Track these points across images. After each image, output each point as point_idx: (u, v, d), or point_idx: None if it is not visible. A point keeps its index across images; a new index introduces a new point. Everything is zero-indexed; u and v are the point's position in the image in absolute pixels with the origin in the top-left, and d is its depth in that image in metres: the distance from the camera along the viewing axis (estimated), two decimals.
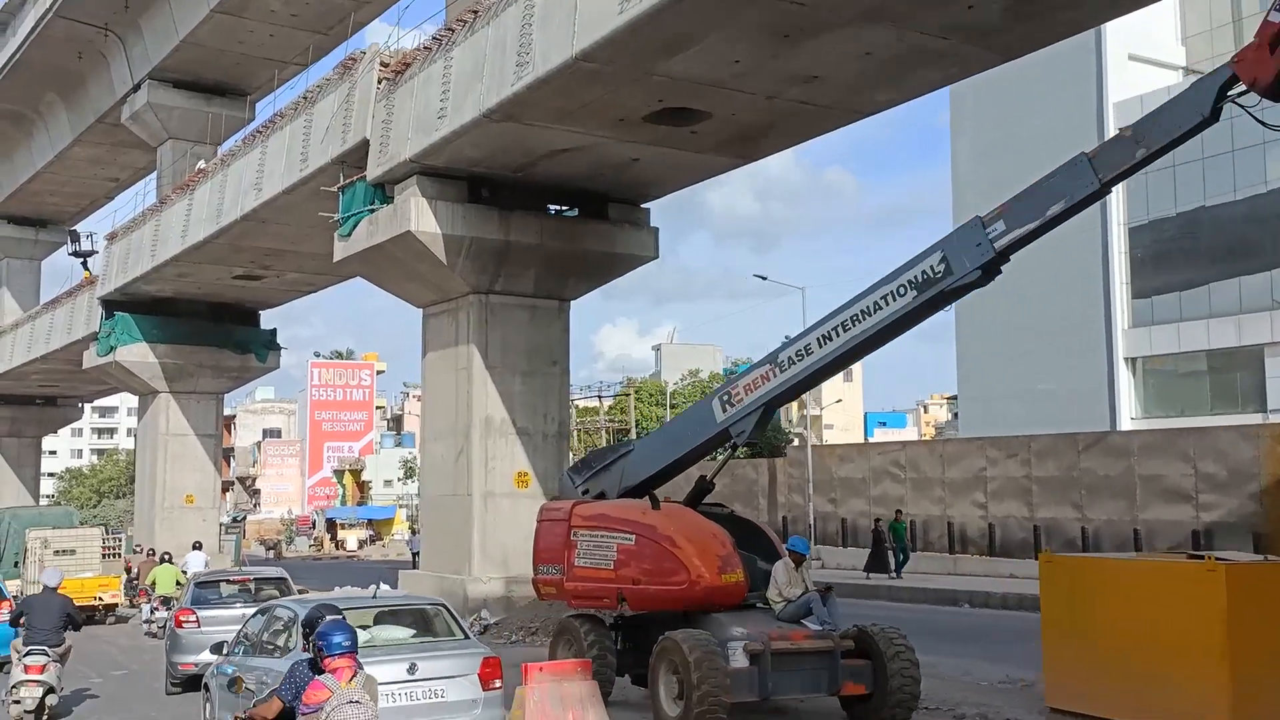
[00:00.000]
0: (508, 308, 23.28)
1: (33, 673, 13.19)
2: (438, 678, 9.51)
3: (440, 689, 9.49)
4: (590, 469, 14.07)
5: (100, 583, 26.58)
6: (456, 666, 9.70)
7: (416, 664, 9.46)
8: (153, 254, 34.05)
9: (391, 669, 9.20)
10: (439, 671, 9.56)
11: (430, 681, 9.45)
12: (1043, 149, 46.28)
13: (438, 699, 9.46)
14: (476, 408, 22.76)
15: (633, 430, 60.02)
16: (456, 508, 22.95)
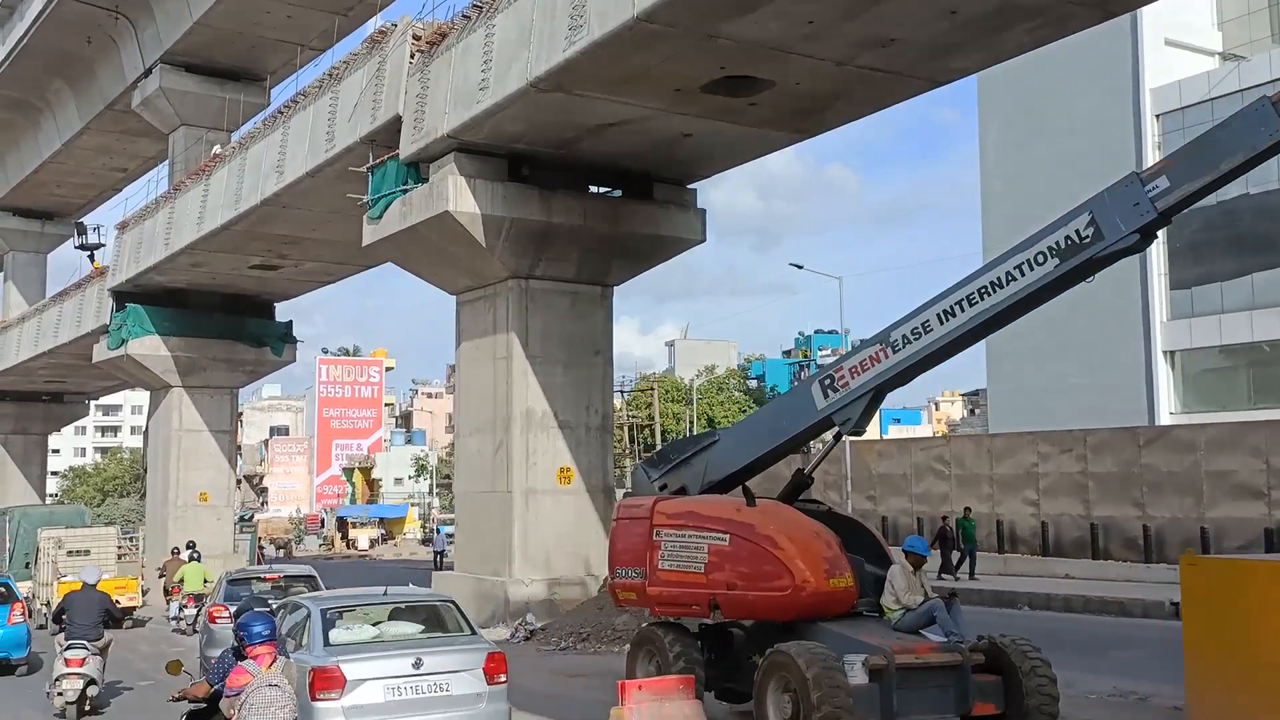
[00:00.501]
0: (548, 294, 21.94)
1: (74, 665, 13.73)
2: (443, 672, 9.65)
3: (445, 683, 9.62)
4: (669, 462, 12.72)
5: (117, 584, 25.01)
6: (461, 661, 9.82)
7: (422, 659, 9.61)
8: (166, 242, 32.70)
9: (397, 663, 9.51)
10: (444, 666, 9.70)
11: (435, 675, 9.60)
12: (1076, 136, 45.05)
13: (442, 693, 9.58)
14: (517, 399, 21.43)
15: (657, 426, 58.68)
16: (495, 505, 21.62)
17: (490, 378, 21.97)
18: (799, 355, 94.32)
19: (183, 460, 36.78)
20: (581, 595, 21.33)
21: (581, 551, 21.85)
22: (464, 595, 21.69)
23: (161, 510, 36.83)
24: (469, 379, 22.76)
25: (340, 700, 9.19)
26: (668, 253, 22.98)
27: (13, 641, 18.27)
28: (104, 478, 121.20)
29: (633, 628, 17.98)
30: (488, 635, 20.42)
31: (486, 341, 22.14)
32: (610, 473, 22.65)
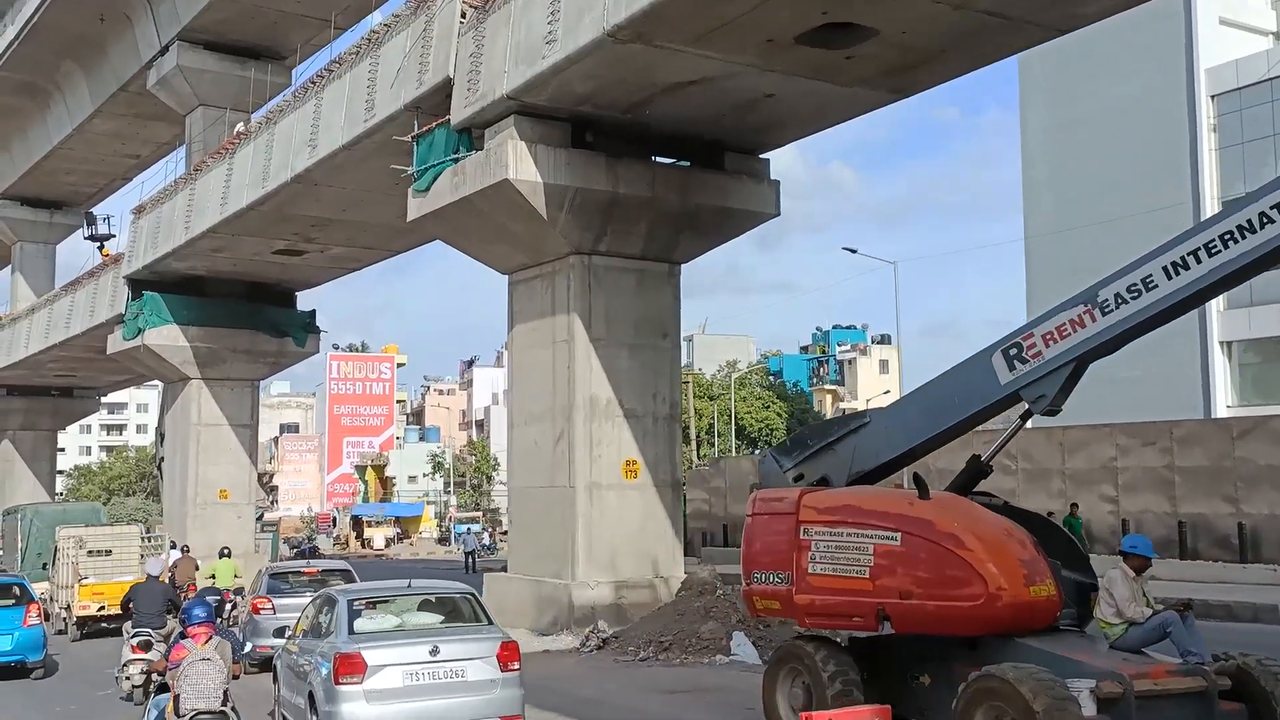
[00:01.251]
0: (613, 271, 20.09)
1: (139, 652, 14.42)
2: (459, 659, 10.12)
3: (461, 669, 10.09)
4: (805, 448, 10.85)
5: None
6: (477, 650, 10.29)
7: (439, 646, 10.11)
8: (186, 226, 30.86)
9: (416, 650, 10.05)
10: (460, 654, 10.16)
11: (451, 662, 10.07)
12: (1126, 119, 43.17)
13: (458, 679, 10.06)
14: (579, 386, 19.58)
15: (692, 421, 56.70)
16: (555, 501, 19.77)
17: (549, 363, 20.12)
18: (817, 351, 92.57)
19: (202, 456, 34.96)
20: (650, 599, 19.49)
21: (649, 552, 20.02)
22: (522, 599, 19.89)
23: (180, 508, 34.97)
24: (524, 365, 20.90)
25: (362, 684, 9.79)
26: (739, 227, 21.14)
27: (29, 644, 17.60)
28: (109, 476, 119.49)
29: (720, 636, 16.22)
30: (551, 643, 18.69)
31: (544, 324, 20.29)
32: (679, 466, 20.81)
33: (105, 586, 22.54)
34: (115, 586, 22.59)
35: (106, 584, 22.68)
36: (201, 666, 8.32)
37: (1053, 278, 45.65)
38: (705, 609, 16.87)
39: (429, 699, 9.96)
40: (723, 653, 15.95)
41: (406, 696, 9.89)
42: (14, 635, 17.45)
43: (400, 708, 9.88)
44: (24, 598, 18.11)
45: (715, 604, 16.93)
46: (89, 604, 22.24)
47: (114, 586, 22.63)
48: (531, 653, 17.72)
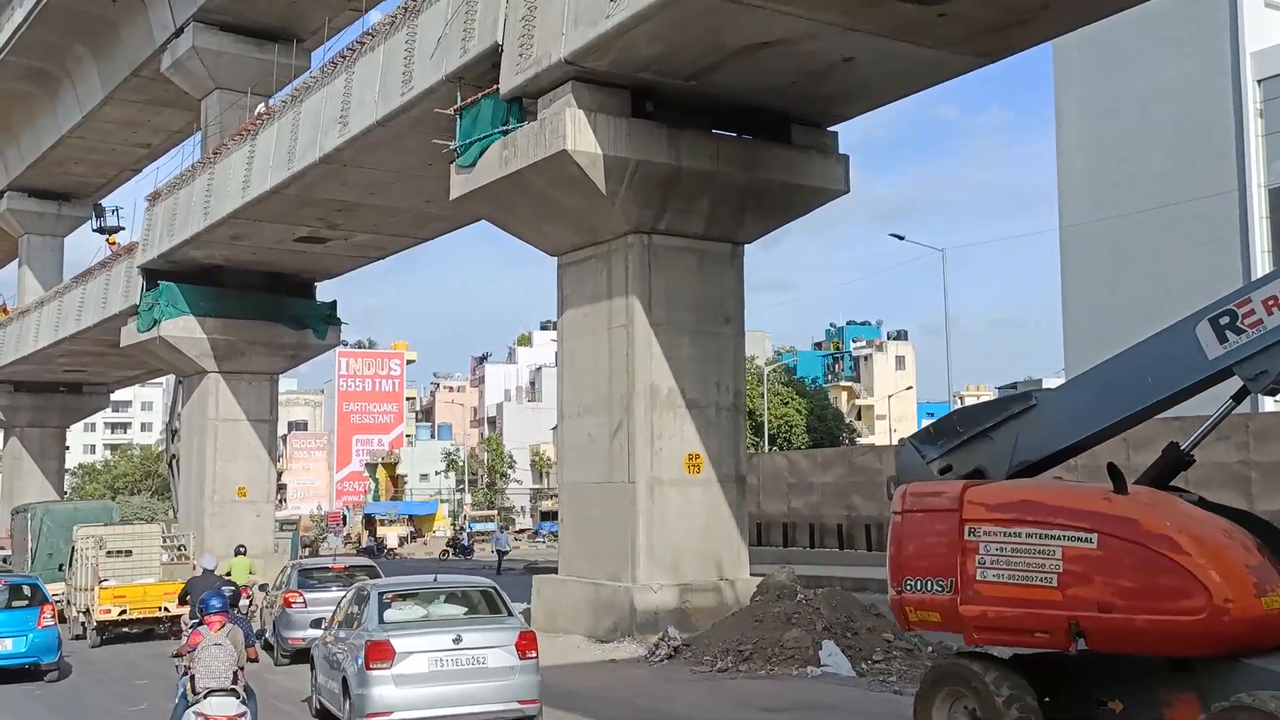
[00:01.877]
0: (673, 251, 18.63)
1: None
2: (480, 647, 10.71)
3: (482, 657, 10.69)
4: (954, 436, 9.39)
5: (164, 590, 21.35)
6: (497, 638, 10.87)
7: (462, 635, 10.73)
8: (205, 212, 29.39)
9: (440, 638, 10.66)
10: (481, 642, 10.75)
11: (473, 650, 10.67)
12: (1168, 103, 41.67)
13: (479, 665, 10.67)
14: (639, 374, 18.12)
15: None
16: (614, 498, 18.32)
17: (605, 349, 18.67)
18: (830, 347, 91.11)
19: (220, 452, 33.52)
20: (716, 603, 18.06)
21: (713, 552, 18.58)
22: (577, 604, 18.46)
23: (197, 506, 33.52)
24: (576, 352, 19.44)
25: (390, 669, 10.44)
26: (807, 204, 19.69)
27: (43, 645, 16.87)
28: (114, 475, 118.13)
29: (806, 645, 14.79)
30: (614, 651, 17.21)
31: (599, 308, 18.83)
32: (743, 460, 19.36)
33: (127, 590, 21.25)
34: (137, 589, 21.34)
35: (128, 587, 21.40)
36: (214, 650, 9.15)
37: (1089, 267, 44.30)
38: (786, 615, 15.41)
39: (452, 684, 10.62)
40: (810, 663, 14.50)
41: (431, 681, 10.55)
42: (28, 637, 16.75)
43: (426, 691, 10.55)
44: (38, 598, 17.45)
45: (797, 609, 15.47)
46: (110, 608, 20.83)
47: (135, 589, 21.33)
48: (595, 662, 16.31)
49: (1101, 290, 43.47)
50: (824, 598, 15.70)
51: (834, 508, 34.19)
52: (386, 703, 10.41)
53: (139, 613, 20.84)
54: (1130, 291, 41.97)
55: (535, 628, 19.97)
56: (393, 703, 10.42)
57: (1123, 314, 42.22)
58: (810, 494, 34.90)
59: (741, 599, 18.22)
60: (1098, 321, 43.35)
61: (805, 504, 35.06)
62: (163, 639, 21.12)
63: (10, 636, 16.62)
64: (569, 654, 17.03)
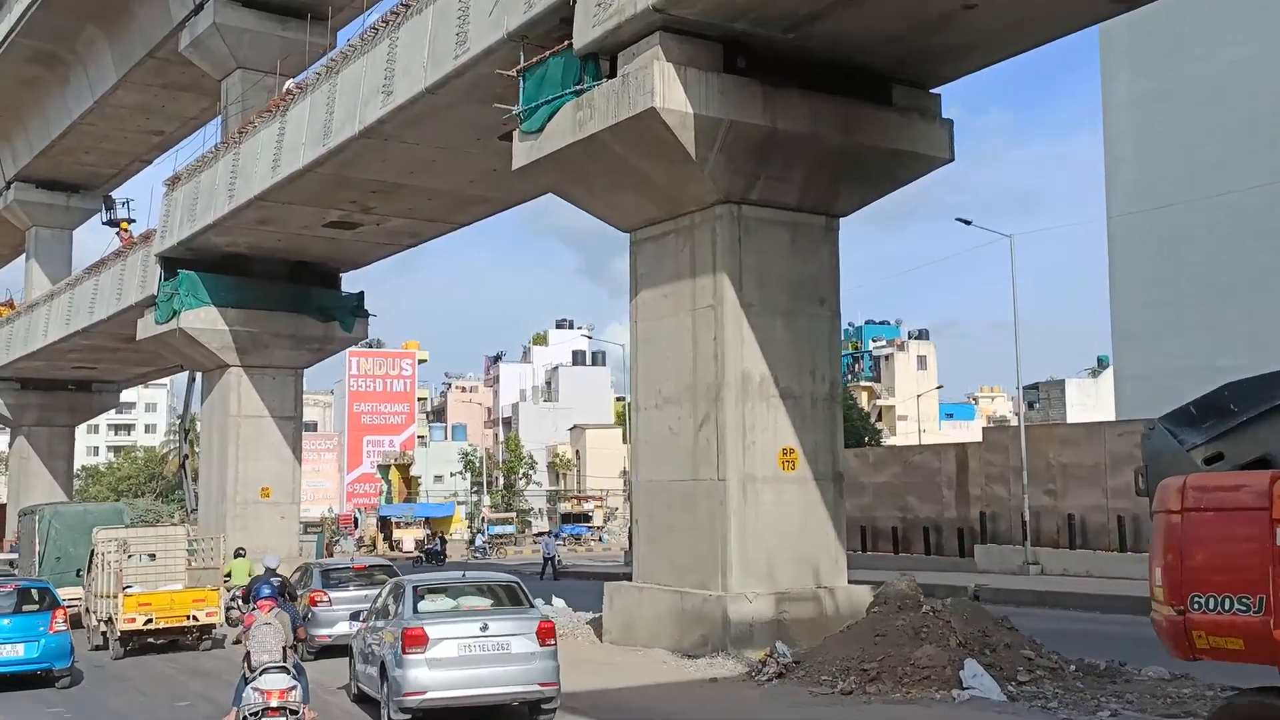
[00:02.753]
0: (764, 224, 16.81)
1: None
2: (504, 635, 11.69)
3: (506, 643, 11.66)
4: (1225, 416, 7.57)
5: (194, 597, 19.93)
6: (519, 627, 11.82)
7: (488, 624, 11.76)
8: (230, 194, 27.55)
9: (468, 626, 11.71)
10: (505, 630, 11.73)
11: (498, 637, 11.66)
12: (1226, 88, 39.84)
13: (504, 651, 11.64)
14: (730, 360, 16.28)
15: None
16: (700, 498, 16.47)
17: (688, 333, 16.84)
18: (849, 347, 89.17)
19: (242, 451, 31.69)
20: (814, 614, 16.25)
21: (809, 557, 16.74)
22: (658, 614, 16.63)
23: (218, 508, 31.67)
24: (654, 336, 17.60)
25: (424, 653, 11.33)
26: (908, 173, 17.84)
27: (55, 651, 16.19)
28: (118, 477, 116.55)
29: (942, 664, 12.92)
30: (707, 668, 15.25)
31: (681, 287, 17.01)
32: (841, 456, 17.50)
33: (153, 597, 19.58)
34: (163, 597, 19.66)
35: (154, 594, 19.72)
36: (265, 629, 10.30)
37: (1138, 258, 42.43)
38: (914, 629, 13.56)
39: (479, 668, 11.53)
40: (949, 685, 12.65)
41: (460, 665, 11.47)
42: (39, 642, 16.05)
43: (455, 674, 11.45)
44: (49, 602, 16.76)
45: (924, 623, 13.62)
46: (135, 616, 19.15)
47: (162, 597, 19.64)
48: (690, 681, 14.47)
49: (1151, 282, 41.55)
50: (953, 609, 13.85)
51: (888, 509, 32.39)
52: (420, 683, 11.35)
53: (165, 622, 19.31)
54: (1182, 283, 40.13)
55: (608, 640, 18.20)
56: (426, 683, 11.36)
57: (1174, 306, 40.43)
58: (861, 495, 33.07)
59: (842, 609, 16.42)
60: (1148, 314, 41.51)
61: (855, 505, 33.14)
62: (189, 650, 19.57)
63: (21, 642, 15.95)
64: (656, 672, 15.20)
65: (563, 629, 19.04)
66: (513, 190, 26.35)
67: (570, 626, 19.18)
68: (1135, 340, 42.42)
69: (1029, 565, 27.83)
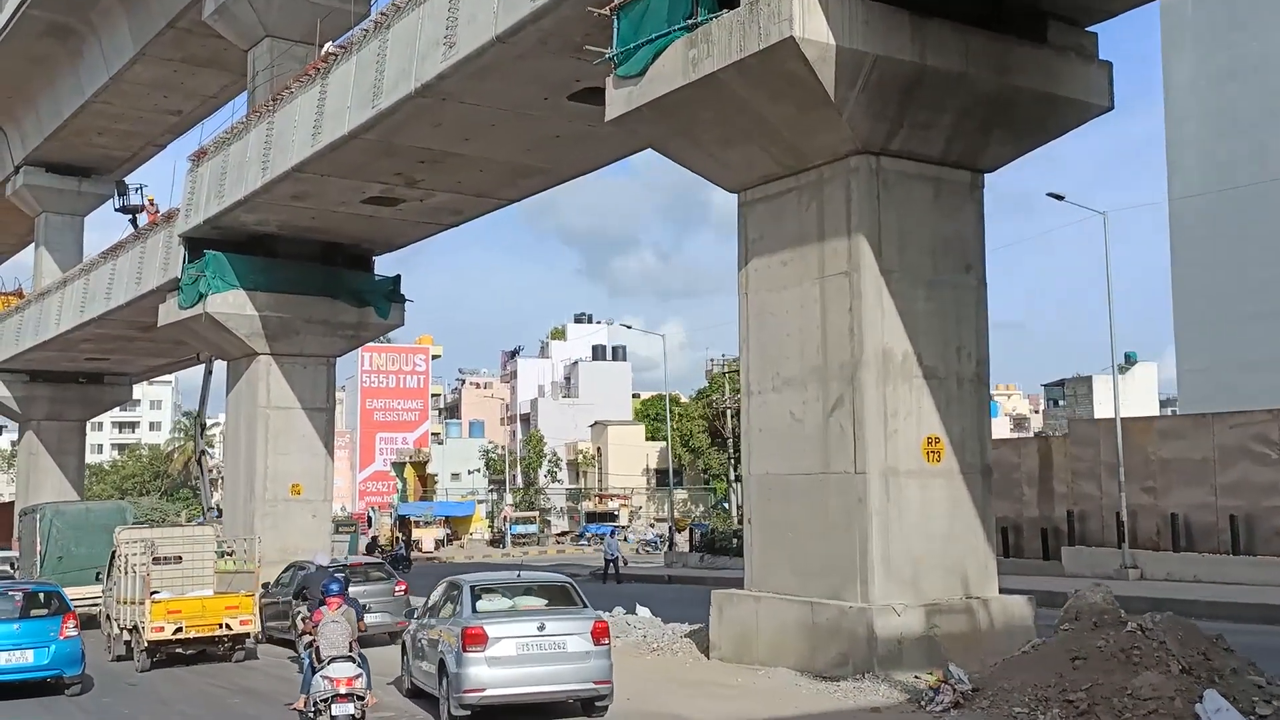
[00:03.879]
0: (906, 179, 14.53)
1: None
2: (560, 634, 11.98)
3: (562, 642, 11.97)
4: None
5: (226, 604, 18.16)
6: (575, 627, 12.10)
7: (545, 624, 12.03)
8: (263, 167, 25.23)
9: (526, 626, 12.00)
10: (561, 630, 12.02)
11: (554, 636, 11.96)
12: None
13: (560, 650, 11.94)
14: (868, 335, 13.99)
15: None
16: (833, 493, 14.18)
17: (815, 304, 14.55)
18: None
19: (271, 444, 29.35)
20: (968, 629, 13.97)
21: (957, 563, 14.45)
22: (782, 628, 14.32)
23: (246, 506, 29.34)
24: (769, 309, 15.31)
25: (484, 652, 11.74)
26: (1060, 123, 15.50)
27: (66, 657, 15.45)
28: (122, 475, 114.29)
29: (1169, 693, 10.64)
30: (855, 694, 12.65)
31: (805, 253, 14.71)
32: (989, 444, 15.18)
33: (183, 604, 17.97)
34: (194, 603, 18.01)
35: (183, 600, 18.14)
36: (333, 626, 11.05)
37: (1200, 242, 40.21)
38: (1121, 651, 11.26)
39: (536, 666, 11.77)
40: None
41: (519, 663, 11.73)
42: (50, 648, 15.33)
43: (514, 672, 11.71)
44: (60, 607, 16.00)
45: (1134, 643, 11.31)
46: (163, 625, 17.49)
47: (192, 603, 17.99)
48: (844, 710, 12.14)
49: (1216, 268, 39.33)
50: (1165, 627, 11.54)
51: None
52: (481, 681, 11.64)
53: (196, 631, 17.70)
54: (1250, 269, 37.94)
55: (716, 657, 15.85)
56: (486, 681, 11.65)
57: (1240, 295, 38.18)
58: None
59: (997, 624, 14.17)
60: (1216, 303, 39.27)
61: None
62: (221, 661, 17.97)
63: (30, 648, 15.22)
64: (795, 698, 12.91)
65: (655, 643, 16.76)
66: (571, 160, 24.12)
67: (664, 640, 16.91)
68: (1200, 334, 40.18)
69: (1127, 569, 25.53)
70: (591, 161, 24.35)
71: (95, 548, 24.44)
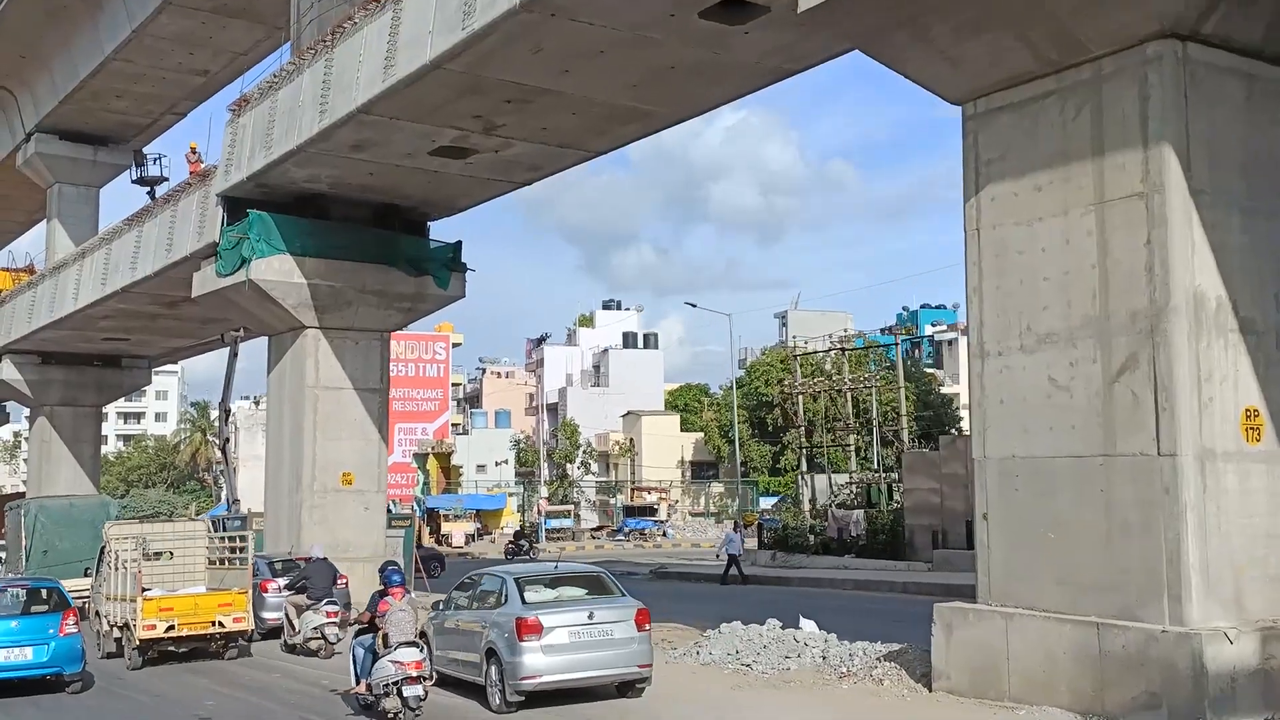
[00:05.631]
0: (1217, 74, 11.11)
1: (331, 616, 17.73)
2: (607, 622, 12.84)
3: (610, 630, 12.82)
4: None
5: (219, 601, 17.82)
6: (620, 615, 12.95)
7: (594, 612, 12.89)
8: (321, 110, 21.79)
9: (576, 615, 12.83)
10: (608, 618, 12.87)
11: (602, 624, 12.81)
12: None
13: (607, 637, 12.79)
14: (1178, 274, 10.60)
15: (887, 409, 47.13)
16: (1116, 481, 10.80)
17: (1088, 238, 11.18)
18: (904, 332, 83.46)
19: (320, 429, 25.93)
20: None
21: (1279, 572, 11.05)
22: (1050, 656, 10.85)
23: (291, 497, 25.93)
24: (1014, 246, 11.91)
25: (539, 641, 12.46)
26: None
27: (66, 655, 15.35)
28: (128, 467, 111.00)
29: None
30: None
31: (1073, 173, 11.32)
32: None
33: (175, 601, 17.72)
34: (186, 601, 17.66)
35: (175, 598, 17.83)
36: (401, 615, 11.86)
37: None
38: None
39: (587, 652, 12.70)
40: None
41: (571, 650, 12.63)
42: (50, 645, 15.18)
43: (567, 659, 12.60)
44: (59, 603, 15.89)
45: None
46: (155, 623, 17.32)
47: (184, 601, 17.65)
48: None
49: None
50: None
51: None
52: (536, 668, 12.43)
53: (189, 628, 17.50)
54: None
55: (943, 689, 12.30)
56: (541, 668, 12.44)
57: None
58: None
59: None
60: None
61: None
62: (213, 658, 17.71)
63: (30, 645, 15.09)
64: None
65: (843, 666, 13.35)
66: (681, 99, 20.67)
67: (854, 663, 13.49)
68: None
69: None
70: (702, 102, 20.95)
71: (79, 542, 25.11)
